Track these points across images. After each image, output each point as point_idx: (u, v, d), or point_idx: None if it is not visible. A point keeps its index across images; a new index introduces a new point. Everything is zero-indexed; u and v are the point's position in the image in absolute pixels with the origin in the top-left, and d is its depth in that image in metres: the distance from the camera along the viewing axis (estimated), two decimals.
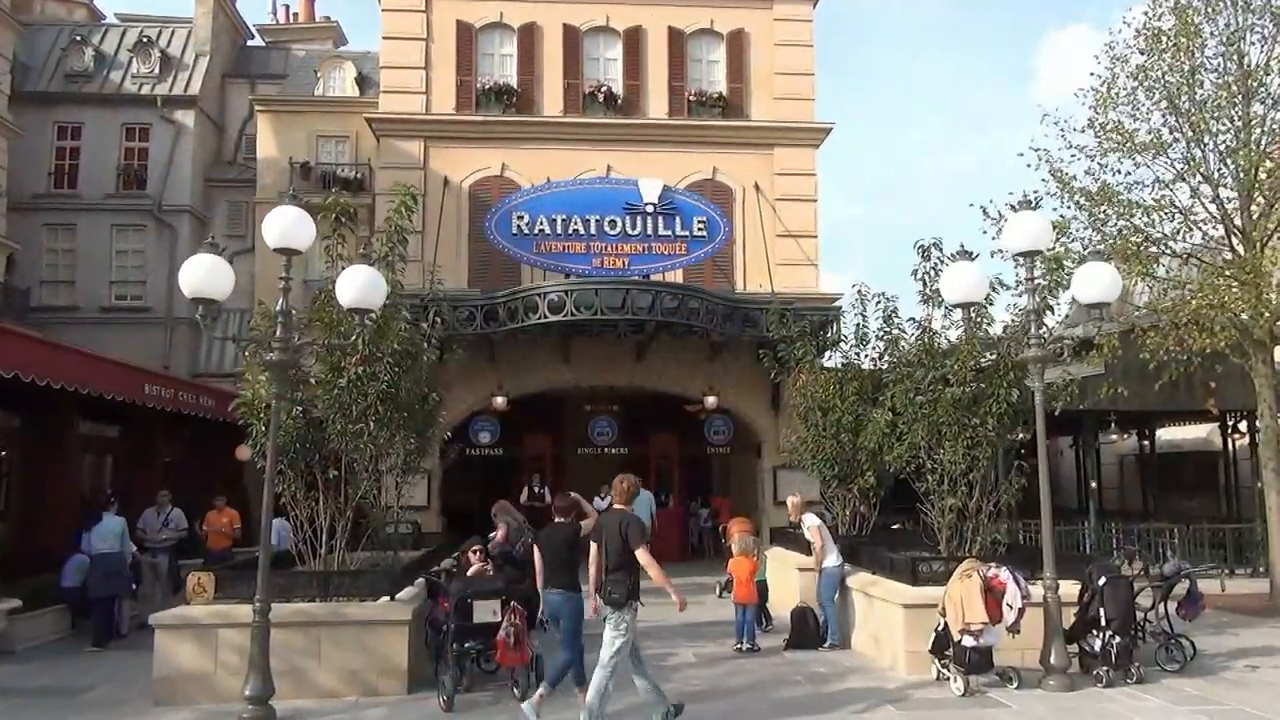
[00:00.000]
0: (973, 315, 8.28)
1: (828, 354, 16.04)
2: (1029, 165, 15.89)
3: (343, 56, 23.06)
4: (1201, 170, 13.56)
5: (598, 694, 6.71)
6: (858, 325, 13.53)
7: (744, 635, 10.30)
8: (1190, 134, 13.47)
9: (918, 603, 8.64)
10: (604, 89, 19.61)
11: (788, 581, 12.64)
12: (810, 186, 19.89)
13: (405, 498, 13.36)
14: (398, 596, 8.57)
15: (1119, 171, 13.99)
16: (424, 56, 19.54)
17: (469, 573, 8.78)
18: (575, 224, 17.85)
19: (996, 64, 76.61)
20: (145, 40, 22.30)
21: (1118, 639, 8.12)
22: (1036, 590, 8.15)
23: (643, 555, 6.79)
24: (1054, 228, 12.14)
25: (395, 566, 9.38)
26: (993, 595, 7.82)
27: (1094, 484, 16.92)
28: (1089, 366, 13.24)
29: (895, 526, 15.96)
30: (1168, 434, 22.87)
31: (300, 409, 8.76)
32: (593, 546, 7.19)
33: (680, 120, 19.74)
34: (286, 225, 7.69)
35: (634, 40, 19.98)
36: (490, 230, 17.67)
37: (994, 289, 10.20)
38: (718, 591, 14.69)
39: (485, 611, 7.85)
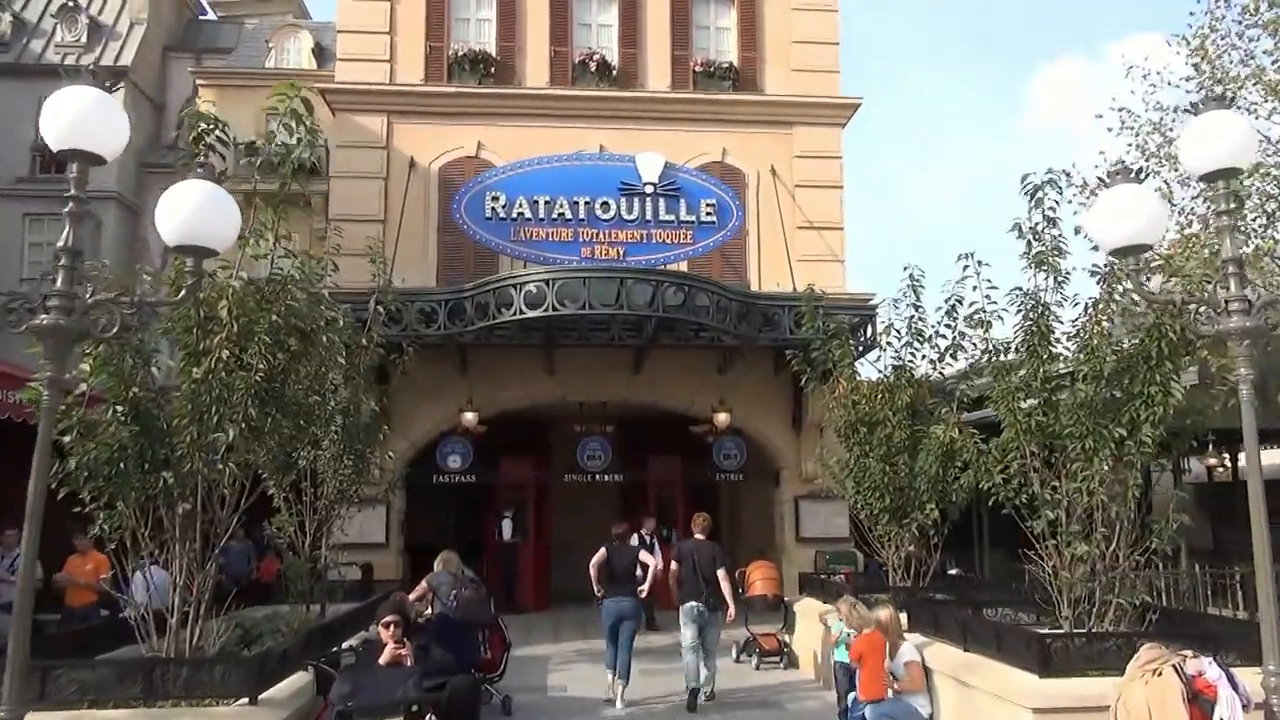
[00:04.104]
0: (1140, 266, 5.40)
1: (864, 360, 13.35)
2: (1109, 130, 13.36)
3: (298, 25, 20.30)
4: None
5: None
6: (911, 318, 10.76)
7: None
8: None
9: (1054, 706, 5.70)
10: (596, 57, 16.88)
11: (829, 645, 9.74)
12: (835, 171, 17.09)
13: (340, 535, 10.70)
14: (265, 696, 5.63)
15: None
16: (388, 20, 16.81)
17: (381, 659, 5.83)
18: (561, 206, 15.08)
19: (984, 91, 73.74)
20: (71, 5, 19.55)
21: None
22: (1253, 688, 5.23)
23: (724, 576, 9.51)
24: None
25: (276, 647, 6.45)
26: (1198, 705, 4.90)
27: (1185, 518, 13.90)
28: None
29: (953, 572, 13.08)
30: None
31: (122, 409, 5.87)
32: (675, 566, 9.82)
33: (684, 94, 16.98)
34: (79, 114, 4.89)
35: (631, 3, 17.27)
36: (459, 213, 14.88)
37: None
38: (734, 654, 11.74)
39: None
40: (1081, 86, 59.73)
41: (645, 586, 10.04)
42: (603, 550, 9.90)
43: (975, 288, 7.35)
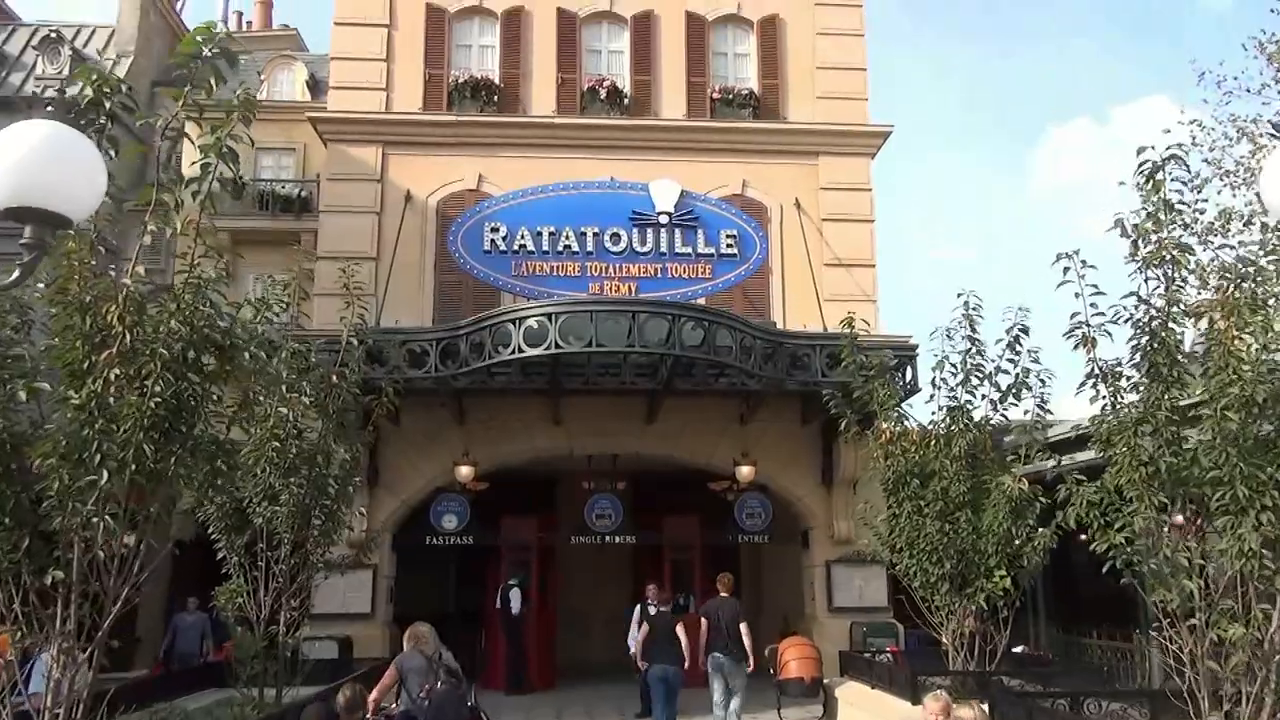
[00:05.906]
0: None
1: (905, 405, 11.85)
2: (1178, 145, 11.97)
3: (292, 57, 19.32)
4: None
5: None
6: (966, 352, 9.33)
7: None
8: None
9: None
10: (607, 84, 15.74)
11: None
12: (865, 204, 15.76)
13: (310, 605, 9.28)
14: None
15: None
16: (385, 46, 15.76)
17: None
18: (567, 238, 13.83)
19: (989, 160, 71.65)
20: (54, 37, 18.61)
21: None
22: None
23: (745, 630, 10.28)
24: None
25: None
26: None
27: None
28: None
29: (1018, 650, 11.38)
30: None
31: None
32: (704, 621, 10.57)
33: (701, 122, 15.78)
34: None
35: (644, 29, 16.19)
36: (455, 245, 13.61)
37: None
38: None
39: None
40: (1087, 152, 58.88)
41: (688, 657, 10.71)
42: (646, 626, 10.83)
43: (1077, 294, 5.83)
